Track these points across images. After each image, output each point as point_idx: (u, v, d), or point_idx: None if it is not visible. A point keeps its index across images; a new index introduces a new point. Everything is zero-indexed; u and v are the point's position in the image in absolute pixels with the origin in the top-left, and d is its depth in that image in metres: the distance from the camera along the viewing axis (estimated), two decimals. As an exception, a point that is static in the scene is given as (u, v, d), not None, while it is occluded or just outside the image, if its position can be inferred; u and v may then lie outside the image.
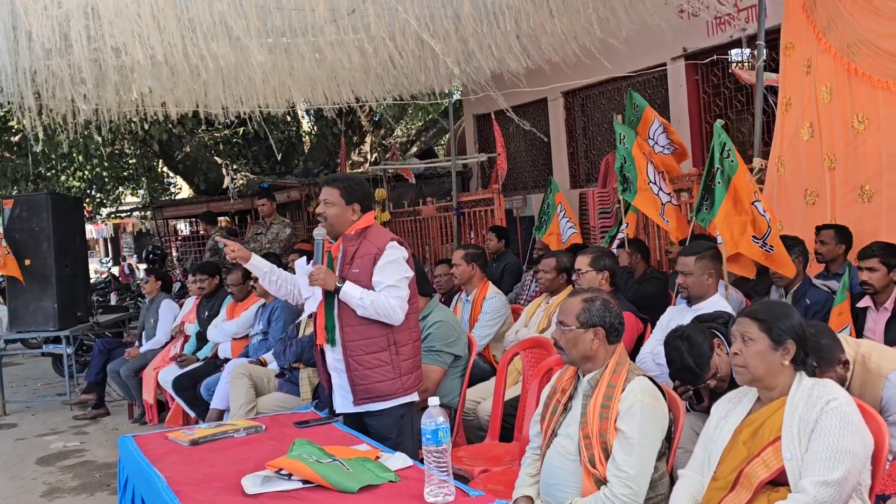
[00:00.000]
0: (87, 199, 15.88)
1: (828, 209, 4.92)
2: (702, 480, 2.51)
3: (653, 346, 3.80)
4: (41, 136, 9.67)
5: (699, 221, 4.58)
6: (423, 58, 6.18)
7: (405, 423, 3.38)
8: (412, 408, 3.45)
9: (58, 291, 7.34)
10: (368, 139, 14.42)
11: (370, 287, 3.27)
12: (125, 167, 16.10)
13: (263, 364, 5.32)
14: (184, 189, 18.55)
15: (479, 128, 11.98)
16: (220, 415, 5.16)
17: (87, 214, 15.86)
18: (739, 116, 7.87)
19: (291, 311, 5.44)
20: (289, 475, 2.45)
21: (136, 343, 7.08)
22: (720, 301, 3.79)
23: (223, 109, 7.29)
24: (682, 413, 2.89)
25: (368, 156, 14.33)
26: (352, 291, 3.23)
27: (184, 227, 16.92)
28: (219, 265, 7.30)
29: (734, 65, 7.72)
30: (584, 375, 2.81)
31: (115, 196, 17.81)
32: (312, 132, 15.31)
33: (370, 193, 3.56)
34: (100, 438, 6.31)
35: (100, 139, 11.71)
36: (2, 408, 7.41)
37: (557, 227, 6.82)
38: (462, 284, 5.38)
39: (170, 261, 12.07)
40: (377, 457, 2.65)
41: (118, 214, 19.16)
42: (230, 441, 3.05)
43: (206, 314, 6.37)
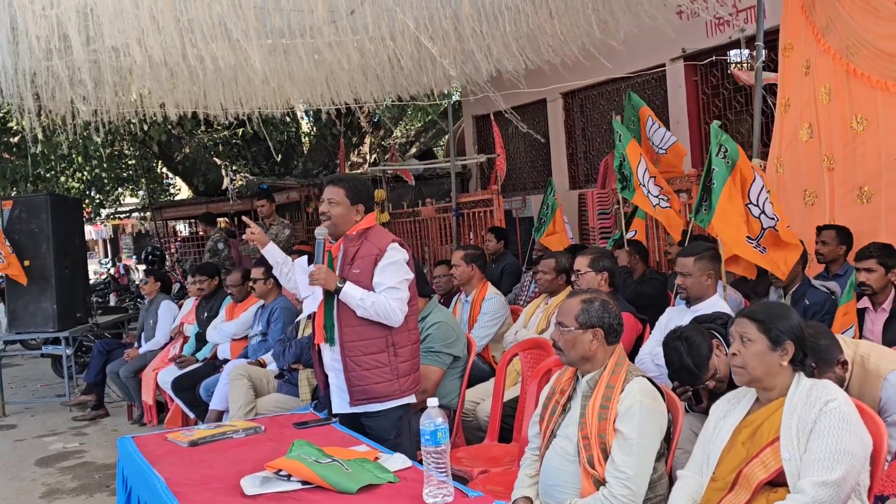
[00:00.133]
0: (87, 201, 15.88)
1: (827, 210, 4.92)
2: (701, 481, 2.51)
3: (652, 347, 3.80)
4: (40, 138, 9.69)
5: (698, 222, 4.58)
6: (422, 59, 6.18)
7: (403, 425, 3.38)
8: (409, 409, 3.45)
9: (57, 292, 7.34)
10: (368, 140, 14.42)
11: (370, 288, 3.28)
12: (124, 168, 16.10)
13: (262, 365, 5.33)
14: (183, 190, 18.55)
15: (479, 129, 11.98)
16: (220, 416, 5.16)
17: (87, 215, 15.86)
18: (738, 117, 7.87)
19: (290, 313, 5.44)
20: (288, 476, 2.45)
21: (136, 344, 7.08)
22: (719, 302, 3.79)
23: (223, 110, 7.29)
24: (681, 414, 2.89)
25: (367, 157, 14.32)
26: (352, 292, 3.24)
27: (183, 228, 16.92)
28: (218, 266, 7.31)
29: (733, 66, 7.72)
30: (583, 376, 2.82)
31: (115, 197, 17.81)
32: (312, 133, 15.31)
33: (373, 194, 3.58)
34: (99, 439, 6.31)
35: (99, 140, 11.72)
36: (1, 409, 7.40)
37: (556, 228, 6.80)
38: (461, 285, 5.38)
39: (170, 263, 12.06)
40: (376, 457, 2.66)
41: (117, 215, 19.15)
42: (229, 442, 3.04)
43: (206, 315, 6.38)
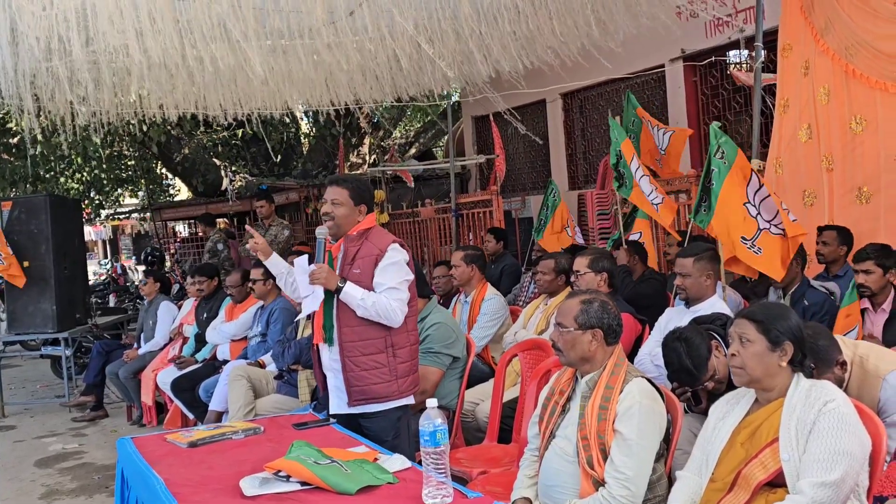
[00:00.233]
0: (86, 201, 15.87)
1: (826, 210, 4.92)
2: (700, 482, 2.51)
3: (651, 348, 3.80)
4: (39, 139, 9.68)
5: (697, 223, 4.58)
6: (421, 60, 6.18)
7: (401, 426, 3.38)
8: (408, 410, 3.45)
9: (56, 293, 7.34)
10: (367, 141, 14.41)
11: (370, 288, 3.28)
12: (124, 169, 16.10)
13: (262, 366, 5.33)
14: (182, 191, 18.55)
15: (478, 129, 11.99)
16: (219, 416, 5.16)
17: (86, 216, 15.85)
18: (738, 118, 7.88)
19: (290, 313, 5.44)
20: (287, 477, 2.45)
21: (135, 345, 7.07)
22: (718, 302, 3.79)
23: (222, 111, 7.29)
24: (680, 414, 2.89)
25: (367, 157, 14.32)
26: (353, 292, 3.24)
27: (182, 229, 16.93)
28: (217, 267, 7.30)
29: (732, 66, 7.73)
30: (583, 377, 2.82)
31: (114, 198, 17.81)
32: (311, 134, 15.31)
33: (374, 195, 3.58)
34: (98, 440, 6.30)
35: (98, 141, 11.72)
36: (1, 409, 7.40)
37: (554, 228, 6.79)
38: (461, 286, 5.38)
39: (169, 264, 12.06)
40: (375, 458, 2.66)
41: (117, 216, 19.15)
42: (228, 443, 3.04)
43: (205, 316, 6.38)
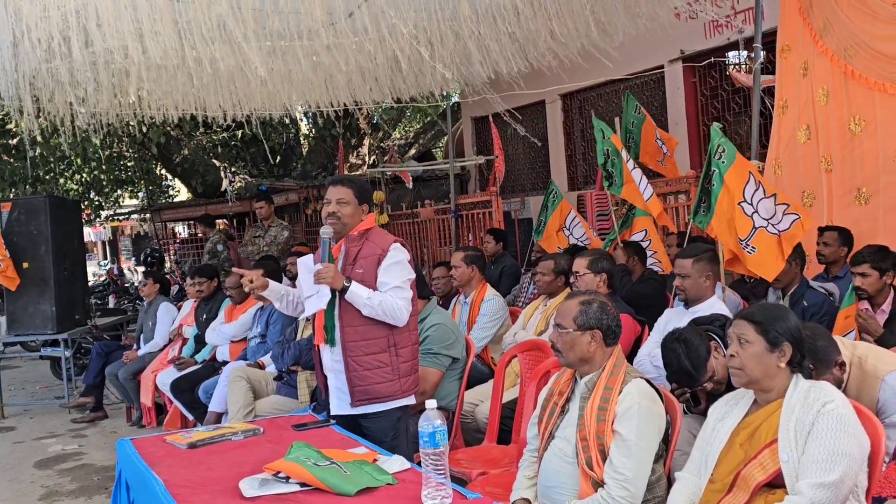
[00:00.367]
0: (86, 202, 15.88)
1: (825, 211, 4.92)
2: (699, 483, 2.52)
3: (650, 349, 3.80)
4: (39, 140, 9.68)
5: (697, 224, 4.59)
6: (421, 61, 6.18)
7: (401, 427, 3.38)
8: (407, 411, 3.45)
9: (56, 294, 7.34)
10: (366, 142, 14.42)
11: (373, 287, 3.29)
12: (123, 170, 16.11)
13: (261, 367, 5.33)
14: (182, 192, 18.56)
15: (477, 130, 11.99)
16: (218, 418, 5.16)
17: (86, 217, 15.85)
18: (737, 118, 7.89)
19: (289, 315, 5.44)
20: (286, 478, 2.45)
21: (135, 346, 7.07)
22: (717, 303, 3.79)
23: (221, 112, 7.29)
24: (679, 415, 2.89)
25: (367, 158, 14.33)
26: (359, 291, 3.24)
27: (182, 230, 16.92)
28: (217, 268, 7.30)
29: (731, 67, 7.74)
30: (582, 378, 2.82)
31: (114, 199, 17.81)
32: (311, 135, 15.31)
33: (372, 195, 3.59)
34: (98, 441, 6.30)
35: (98, 142, 11.72)
36: (0, 411, 7.40)
37: (550, 230, 6.76)
38: (461, 286, 5.38)
39: (169, 265, 12.05)
40: (375, 459, 2.66)
41: (116, 217, 19.15)
42: (228, 444, 3.04)
43: (205, 317, 6.38)
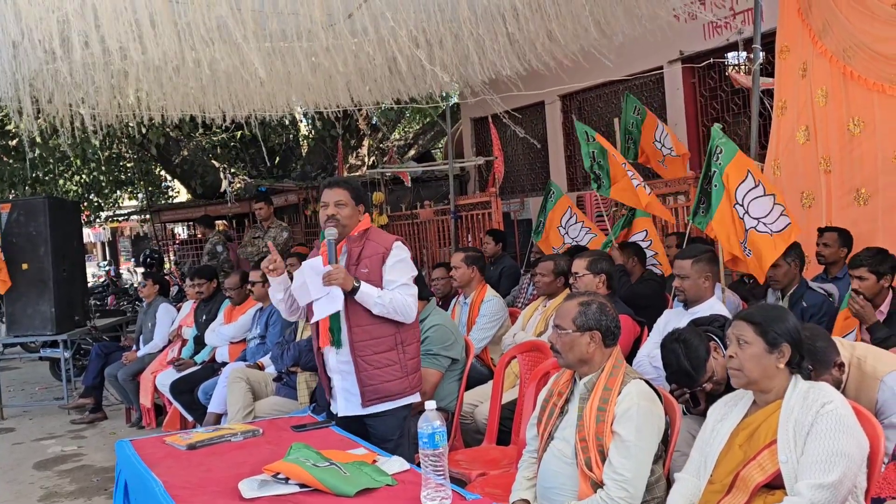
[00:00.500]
0: (85, 203, 15.88)
1: (824, 212, 4.93)
2: (698, 484, 2.52)
3: (650, 349, 3.81)
4: (38, 141, 9.68)
5: (696, 224, 4.59)
6: (420, 61, 6.18)
7: (405, 426, 3.38)
8: (410, 410, 3.45)
9: (55, 295, 7.34)
10: (366, 143, 14.43)
11: (380, 286, 3.30)
12: (123, 171, 16.12)
13: (261, 368, 5.32)
14: (181, 193, 18.56)
15: (477, 131, 11.99)
16: (218, 419, 5.16)
17: (85, 218, 15.86)
18: (736, 119, 7.89)
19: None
20: (286, 479, 2.45)
21: (134, 347, 7.07)
22: (717, 304, 3.80)
23: (220, 113, 7.29)
24: (679, 416, 2.89)
25: (366, 159, 14.33)
26: (369, 290, 3.24)
27: (181, 231, 16.93)
28: (216, 269, 7.31)
29: (730, 68, 7.74)
30: (581, 379, 2.82)
31: (113, 200, 17.81)
32: (310, 136, 15.31)
33: (367, 195, 3.60)
34: (97, 442, 6.30)
35: (97, 143, 11.72)
36: (-1, 412, 7.41)
37: (558, 234, 6.76)
38: (461, 287, 5.38)
39: (168, 266, 12.05)
40: (374, 460, 2.66)
41: (116, 218, 19.15)
42: (227, 445, 3.04)
43: (204, 318, 6.37)
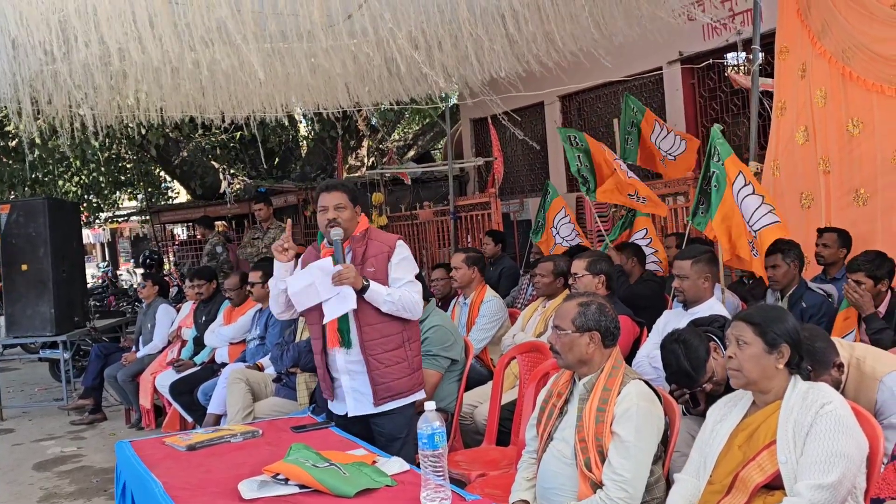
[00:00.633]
0: (84, 204, 15.88)
1: (823, 213, 4.93)
2: (698, 484, 2.52)
3: (649, 350, 3.81)
4: (37, 142, 9.68)
5: (695, 225, 4.60)
6: (419, 63, 6.18)
7: (413, 423, 3.38)
8: (415, 407, 3.46)
9: (55, 296, 7.33)
10: (365, 143, 14.43)
11: (386, 284, 3.32)
12: (122, 172, 16.11)
13: (260, 369, 5.32)
14: (181, 194, 18.56)
15: (476, 132, 12.00)
16: (217, 420, 5.16)
17: (84, 219, 15.86)
18: (735, 120, 7.89)
19: (288, 316, 5.44)
20: (286, 480, 2.46)
21: (133, 348, 7.07)
22: (716, 305, 3.80)
23: (220, 114, 7.29)
24: (678, 416, 2.90)
25: (365, 160, 14.34)
26: (378, 289, 3.26)
27: (181, 232, 16.93)
28: (216, 270, 7.30)
29: (730, 69, 7.74)
30: (580, 379, 2.82)
31: (112, 201, 17.81)
32: (309, 137, 15.32)
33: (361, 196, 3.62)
34: (97, 443, 6.29)
35: (97, 144, 11.73)
36: (-2, 413, 7.41)
37: (550, 234, 6.79)
38: (461, 288, 5.38)
39: (168, 267, 12.05)
40: (374, 461, 2.66)
41: (115, 219, 19.15)
42: (227, 446, 3.04)
43: (204, 319, 6.37)
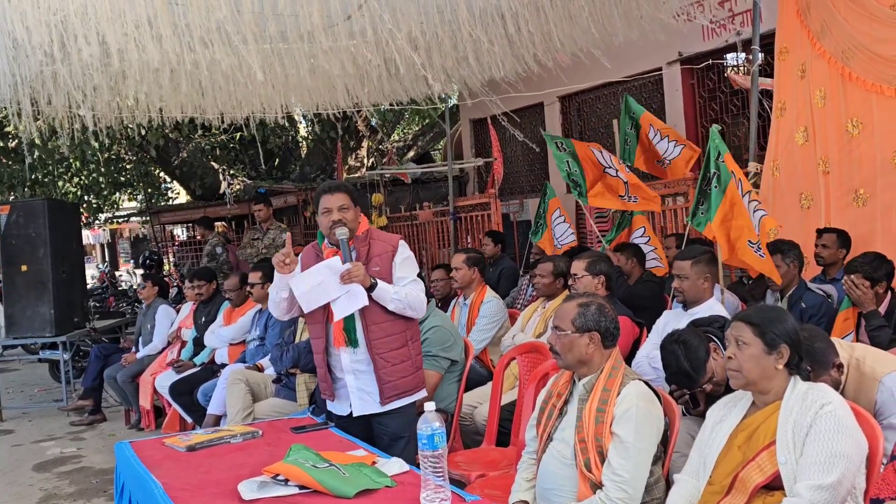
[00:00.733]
0: (84, 205, 15.87)
1: (822, 213, 4.93)
2: (697, 485, 2.52)
3: (649, 350, 3.81)
4: (37, 143, 9.68)
5: (695, 226, 4.59)
6: (419, 65, 6.18)
7: (415, 423, 3.37)
8: (416, 406, 3.46)
9: (54, 297, 7.33)
10: (365, 144, 14.43)
11: (391, 283, 3.33)
12: (122, 172, 16.11)
13: (260, 369, 5.32)
14: (181, 194, 18.56)
15: (476, 132, 12.00)
16: (217, 420, 5.16)
17: (84, 220, 15.85)
18: (735, 121, 7.89)
19: (288, 316, 5.44)
20: (285, 481, 2.46)
21: (133, 349, 7.07)
22: (716, 305, 3.80)
23: (219, 115, 7.29)
24: (678, 417, 2.90)
25: (365, 161, 14.34)
26: (386, 287, 3.27)
27: (181, 233, 16.93)
28: (216, 271, 7.30)
29: (729, 69, 7.74)
30: (580, 380, 2.82)
31: (112, 201, 17.80)
32: (309, 137, 15.32)
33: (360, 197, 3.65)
34: (96, 444, 6.29)
35: (96, 145, 11.73)
36: (-2, 414, 7.40)
37: (551, 234, 6.81)
38: (461, 288, 5.38)
39: (168, 268, 12.05)
40: (374, 462, 2.66)
41: (115, 220, 19.14)
42: (227, 447, 3.04)
43: (203, 320, 6.37)
